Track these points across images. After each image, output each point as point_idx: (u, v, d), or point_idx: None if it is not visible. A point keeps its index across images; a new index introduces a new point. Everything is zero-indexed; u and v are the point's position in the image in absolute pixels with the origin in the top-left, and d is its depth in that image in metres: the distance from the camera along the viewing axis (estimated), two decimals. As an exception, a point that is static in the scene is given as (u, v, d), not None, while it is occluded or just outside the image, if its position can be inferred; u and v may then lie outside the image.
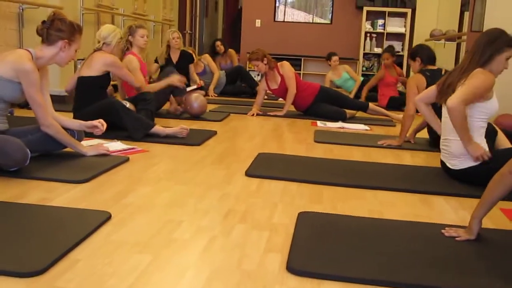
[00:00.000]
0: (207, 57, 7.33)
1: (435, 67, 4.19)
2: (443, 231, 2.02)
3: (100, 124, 3.00)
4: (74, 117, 3.58)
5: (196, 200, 2.36)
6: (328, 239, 1.89)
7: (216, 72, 7.23)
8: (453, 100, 2.70)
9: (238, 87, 7.48)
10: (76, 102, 3.86)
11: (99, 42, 3.99)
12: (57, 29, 2.78)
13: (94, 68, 3.81)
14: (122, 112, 3.67)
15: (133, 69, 4.37)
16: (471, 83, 2.72)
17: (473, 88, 2.70)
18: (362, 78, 7.60)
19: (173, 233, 1.92)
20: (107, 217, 2.01)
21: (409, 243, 1.90)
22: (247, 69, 10.28)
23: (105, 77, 3.90)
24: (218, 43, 7.96)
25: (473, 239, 1.94)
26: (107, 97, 3.98)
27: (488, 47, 2.75)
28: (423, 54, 4.25)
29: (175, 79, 4.65)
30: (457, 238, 1.95)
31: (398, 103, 6.29)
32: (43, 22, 2.81)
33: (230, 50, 8.05)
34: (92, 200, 2.26)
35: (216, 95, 7.10)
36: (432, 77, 3.90)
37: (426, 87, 3.62)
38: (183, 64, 6.43)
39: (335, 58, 7.29)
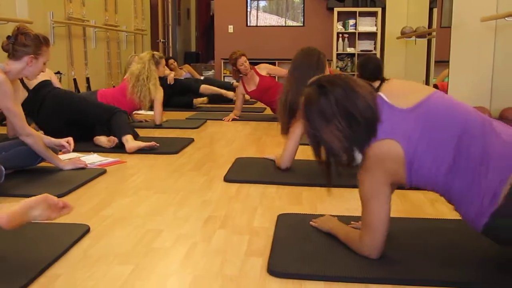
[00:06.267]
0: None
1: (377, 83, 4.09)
2: (311, 222, 2.04)
3: (68, 144, 2.96)
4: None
5: (176, 208, 2.35)
6: (308, 239, 1.90)
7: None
8: None
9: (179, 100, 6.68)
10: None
11: None
12: (22, 45, 2.74)
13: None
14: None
15: None
16: None
17: None
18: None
19: (153, 242, 1.91)
20: (86, 230, 1.99)
21: (390, 238, 1.91)
22: (222, 75, 10.33)
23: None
24: (171, 61, 8.02)
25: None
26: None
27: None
28: (366, 72, 4.08)
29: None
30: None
31: None
32: (8, 37, 2.78)
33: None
34: (70, 214, 2.19)
35: None
36: None
37: None
38: None
39: None
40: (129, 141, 3.63)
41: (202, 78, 8.11)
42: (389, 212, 1.69)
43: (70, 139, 2.99)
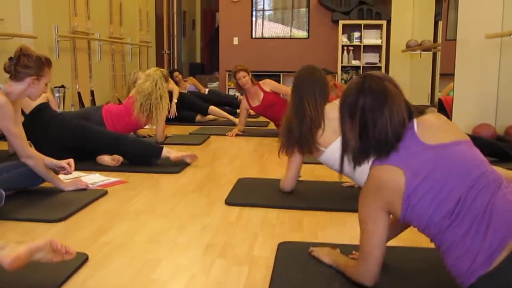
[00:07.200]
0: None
1: None
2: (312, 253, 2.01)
3: (68, 166, 2.94)
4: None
5: (176, 234, 2.33)
6: (309, 270, 1.87)
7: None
8: None
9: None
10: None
11: None
12: (24, 66, 2.73)
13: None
14: (133, 142, 3.82)
15: None
16: None
17: None
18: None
19: (152, 273, 1.89)
20: (84, 259, 1.97)
21: (395, 270, 1.88)
22: (227, 87, 10.32)
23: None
24: (176, 73, 7.95)
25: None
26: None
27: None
28: None
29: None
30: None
31: None
32: (10, 58, 2.77)
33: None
34: (69, 241, 2.21)
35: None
36: None
37: None
38: None
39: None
40: (171, 152, 3.76)
41: (207, 90, 8.10)
42: (384, 238, 1.66)
43: (71, 160, 2.97)
